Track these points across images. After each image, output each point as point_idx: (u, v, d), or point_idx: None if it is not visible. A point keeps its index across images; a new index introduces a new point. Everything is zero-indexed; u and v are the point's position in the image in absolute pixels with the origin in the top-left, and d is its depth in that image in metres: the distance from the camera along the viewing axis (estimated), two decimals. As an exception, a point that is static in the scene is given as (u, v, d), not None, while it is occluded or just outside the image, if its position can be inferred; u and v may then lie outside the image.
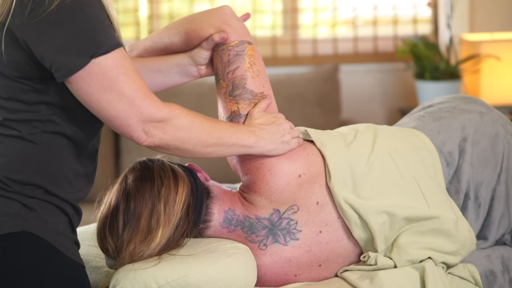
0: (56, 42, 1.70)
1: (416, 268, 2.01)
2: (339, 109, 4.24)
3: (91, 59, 1.71)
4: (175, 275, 1.88)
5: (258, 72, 2.06)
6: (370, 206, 2.01)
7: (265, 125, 1.98)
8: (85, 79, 1.71)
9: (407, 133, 2.18)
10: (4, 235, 1.76)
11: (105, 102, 1.73)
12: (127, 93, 1.74)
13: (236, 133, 1.92)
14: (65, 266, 1.81)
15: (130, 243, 1.93)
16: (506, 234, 2.19)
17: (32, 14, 1.70)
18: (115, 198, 1.98)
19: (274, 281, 2.03)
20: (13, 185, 1.78)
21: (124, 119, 1.75)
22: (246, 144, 1.93)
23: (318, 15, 4.56)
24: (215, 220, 2.03)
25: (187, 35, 2.08)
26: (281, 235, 2.02)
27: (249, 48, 2.06)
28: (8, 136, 1.79)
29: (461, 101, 2.29)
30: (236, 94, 2.04)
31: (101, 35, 1.72)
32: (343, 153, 2.06)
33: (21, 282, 1.76)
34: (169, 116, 1.79)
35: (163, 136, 1.79)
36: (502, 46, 4.17)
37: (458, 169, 2.15)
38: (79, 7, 1.71)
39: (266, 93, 2.06)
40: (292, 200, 2.01)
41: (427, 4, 4.55)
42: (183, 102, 4.15)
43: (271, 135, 1.97)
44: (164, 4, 4.50)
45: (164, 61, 2.10)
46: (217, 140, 1.87)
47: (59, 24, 1.70)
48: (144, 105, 1.75)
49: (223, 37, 2.04)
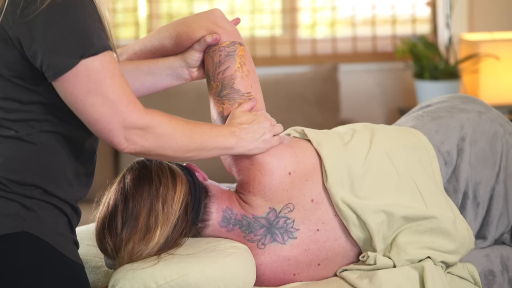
0: (46, 41, 1.69)
1: (415, 267, 2.01)
2: (338, 108, 4.24)
3: (80, 59, 1.70)
4: (174, 274, 1.88)
5: (248, 73, 2.06)
6: (367, 205, 2.01)
7: (245, 124, 1.98)
8: (71, 80, 1.71)
9: (405, 132, 2.18)
10: (3, 236, 1.76)
11: (89, 104, 1.72)
12: (112, 98, 1.72)
13: (217, 136, 1.92)
14: (64, 266, 1.80)
15: (128, 242, 1.93)
16: (505, 234, 2.19)
17: (24, 13, 1.70)
18: (114, 198, 1.98)
19: (273, 280, 2.03)
20: (12, 185, 1.78)
21: (106, 124, 1.74)
22: (226, 146, 1.93)
23: (317, 15, 4.56)
24: (214, 219, 2.03)
25: (178, 37, 2.08)
26: (279, 234, 2.02)
27: (240, 49, 2.07)
28: (5, 136, 1.78)
29: (460, 101, 2.29)
30: (223, 94, 2.04)
31: (91, 36, 1.71)
32: (340, 153, 2.06)
33: (21, 282, 1.75)
34: (151, 124, 1.78)
35: (145, 143, 1.78)
36: (501, 45, 4.17)
37: (457, 168, 2.15)
38: (70, 7, 1.70)
39: (254, 93, 2.06)
40: (287, 198, 2.01)
41: (426, 3, 4.55)
42: (182, 102, 4.15)
43: (251, 134, 1.97)
44: (163, 4, 4.49)
45: (155, 64, 2.10)
46: (198, 145, 1.87)
47: (50, 24, 1.69)
48: (127, 110, 1.74)
49: (216, 38, 2.04)
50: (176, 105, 4.15)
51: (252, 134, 1.98)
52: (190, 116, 4.29)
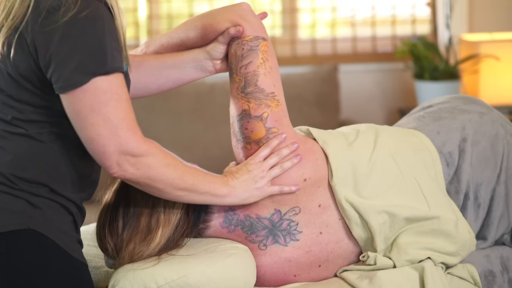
0: (61, 54, 1.71)
1: (416, 268, 2.01)
2: (338, 109, 4.24)
3: (91, 77, 1.71)
4: (174, 275, 1.88)
5: (270, 69, 2.06)
6: (371, 205, 2.01)
7: (238, 174, 1.98)
8: (78, 95, 1.72)
9: (408, 133, 2.18)
10: (9, 232, 1.77)
11: (89, 123, 1.73)
12: (112, 120, 1.73)
13: (210, 182, 1.91)
14: (68, 265, 1.81)
15: (129, 242, 1.93)
16: (506, 234, 2.19)
17: (44, 23, 1.71)
18: (115, 198, 1.98)
19: (273, 281, 2.03)
20: (19, 182, 1.79)
21: (102, 145, 1.74)
22: (218, 193, 1.93)
23: (317, 15, 4.56)
24: (215, 220, 2.03)
25: (203, 29, 2.09)
26: (281, 235, 2.02)
27: (263, 44, 2.06)
28: (15, 134, 1.80)
29: (461, 102, 2.29)
30: (248, 91, 2.04)
31: (106, 56, 1.72)
32: (345, 152, 2.06)
33: (25, 280, 1.76)
34: (145, 153, 1.78)
35: (135, 171, 1.78)
36: (501, 46, 4.17)
37: (458, 169, 2.15)
38: (91, 23, 1.71)
39: (277, 92, 2.05)
40: (295, 202, 2.01)
41: (426, 4, 4.55)
42: (183, 102, 4.15)
43: (243, 183, 1.96)
44: (163, 5, 4.50)
45: (180, 56, 2.11)
46: (189, 186, 1.87)
47: (67, 37, 1.70)
48: (125, 136, 1.74)
49: (239, 30, 2.05)
50: (176, 105, 4.15)
51: (244, 183, 1.97)
52: (190, 116, 4.31)
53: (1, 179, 1.79)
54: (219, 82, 4.19)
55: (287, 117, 2.05)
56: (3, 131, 1.80)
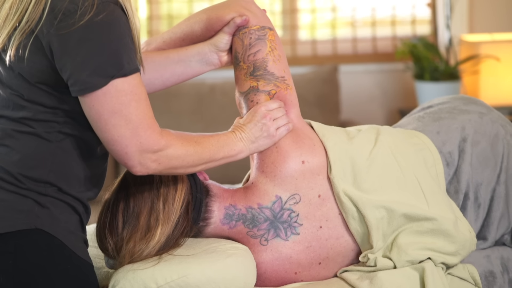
0: (78, 57, 1.71)
1: (416, 268, 2.01)
2: (339, 109, 4.24)
3: (111, 79, 1.73)
4: (174, 275, 1.88)
5: (279, 57, 2.08)
6: (369, 199, 2.02)
7: (246, 127, 2.00)
8: (100, 98, 1.73)
9: (409, 134, 2.18)
10: (17, 232, 1.77)
11: (111, 124, 1.75)
12: (134, 121, 1.75)
13: (223, 146, 1.95)
14: (75, 265, 1.82)
15: (129, 241, 1.93)
16: (506, 235, 2.19)
17: (60, 26, 1.71)
18: (115, 197, 1.99)
19: (274, 279, 2.03)
20: (27, 182, 1.80)
21: (124, 146, 1.77)
22: (233, 154, 1.96)
23: (317, 16, 4.56)
24: (216, 217, 2.03)
25: (208, 21, 2.10)
26: (282, 229, 2.02)
27: (270, 33, 2.09)
28: (23, 132, 1.80)
29: (461, 102, 2.29)
30: (257, 74, 2.06)
31: (123, 58, 1.73)
32: (344, 146, 2.07)
33: (32, 279, 1.77)
34: (165, 147, 1.81)
35: (157, 166, 1.82)
36: (501, 46, 4.17)
37: (458, 169, 2.16)
38: (107, 26, 1.72)
39: (287, 77, 2.07)
40: (294, 188, 2.02)
41: (426, 4, 4.55)
42: (183, 102, 4.16)
43: (253, 133, 2.00)
44: (164, 5, 4.50)
45: (184, 51, 2.12)
46: (207, 160, 1.92)
47: (84, 40, 1.71)
48: (145, 135, 1.77)
49: (245, 19, 2.06)
50: (176, 105, 4.15)
51: (254, 133, 2.00)
52: (190, 116, 4.31)
53: (9, 178, 1.79)
54: (219, 83, 4.19)
55: (296, 105, 2.09)
56: (12, 130, 1.81)
